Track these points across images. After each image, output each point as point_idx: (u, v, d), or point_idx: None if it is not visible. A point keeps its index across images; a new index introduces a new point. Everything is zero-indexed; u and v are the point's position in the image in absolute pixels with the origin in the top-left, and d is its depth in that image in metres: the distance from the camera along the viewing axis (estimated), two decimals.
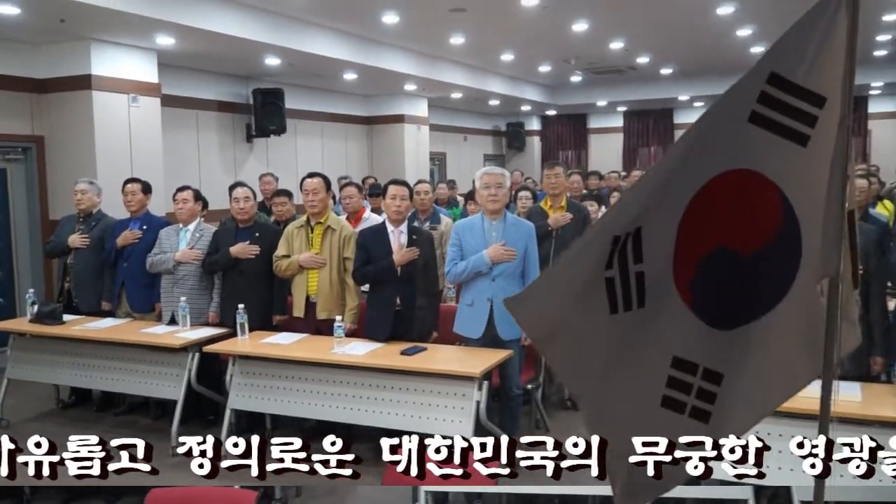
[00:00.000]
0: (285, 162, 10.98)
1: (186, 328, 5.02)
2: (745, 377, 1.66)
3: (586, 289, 1.62)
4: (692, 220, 1.60)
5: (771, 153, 1.55)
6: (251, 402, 4.64)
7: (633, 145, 17.87)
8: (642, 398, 1.71)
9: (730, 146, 1.56)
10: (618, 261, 1.60)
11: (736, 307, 1.64)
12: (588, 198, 6.87)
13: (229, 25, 7.56)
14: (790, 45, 1.51)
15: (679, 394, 1.70)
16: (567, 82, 15.06)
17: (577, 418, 5.44)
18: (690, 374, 1.69)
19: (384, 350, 4.44)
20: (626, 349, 1.67)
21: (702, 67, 13.51)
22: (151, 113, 7.92)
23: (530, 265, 4.45)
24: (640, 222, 1.59)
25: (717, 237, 1.62)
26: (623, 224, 1.60)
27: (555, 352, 1.75)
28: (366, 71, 10.41)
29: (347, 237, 4.92)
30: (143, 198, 5.67)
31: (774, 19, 9.64)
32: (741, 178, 1.57)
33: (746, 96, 1.53)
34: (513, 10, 8.42)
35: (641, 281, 1.63)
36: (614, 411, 1.73)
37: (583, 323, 1.65)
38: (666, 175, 1.60)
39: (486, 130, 18.04)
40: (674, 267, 1.63)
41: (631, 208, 1.61)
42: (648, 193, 1.61)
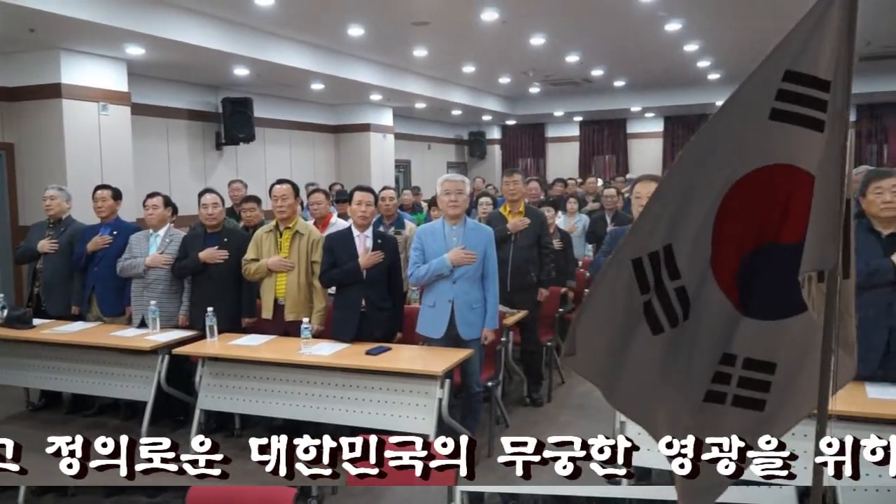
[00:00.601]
0: (254, 169, 11.09)
1: (156, 331, 5.10)
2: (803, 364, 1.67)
3: (625, 318, 1.63)
4: (726, 222, 1.60)
5: (798, 144, 1.55)
6: (220, 403, 4.71)
7: (589, 153, 18.42)
8: (688, 400, 1.71)
9: (753, 145, 1.56)
10: (654, 283, 1.60)
11: (785, 297, 1.62)
12: (545, 203, 7.13)
13: (198, 36, 7.68)
14: (797, 41, 1.54)
15: (720, 386, 1.70)
16: (526, 93, 15.40)
17: (536, 414, 5.71)
18: (729, 366, 1.69)
19: (350, 350, 4.54)
20: (675, 361, 1.67)
21: (652, 80, 13.98)
22: (121, 121, 8.00)
23: (489, 268, 4.63)
24: (668, 240, 1.59)
25: (756, 233, 1.62)
26: (641, 247, 1.60)
27: (619, 397, 1.74)
28: (332, 81, 10.59)
29: (315, 241, 5.06)
30: (113, 204, 5.74)
31: (718, 35, 10.08)
32: (771, 174, 1.58)
33: (762, 96, 1.54)
34: (473, 25, 8.66)
35: (684, 296, 1.62)
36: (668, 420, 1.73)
37: (631, 355, 1.65)
38: (684, 187, 1.59)
39: (449, 139, 18.31)
40: (714, 272, 1.63)
41: (650, 229, 1.60)
42: (669, 210, 1.60)
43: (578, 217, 8.09)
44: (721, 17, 8.98)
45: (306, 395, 4.48)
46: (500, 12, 8.21)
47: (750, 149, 1.56)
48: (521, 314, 5.50)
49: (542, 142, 19.06)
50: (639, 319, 1.62)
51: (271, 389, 4.57)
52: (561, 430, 5.08)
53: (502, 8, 8.08)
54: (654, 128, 17.84)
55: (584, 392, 6.08)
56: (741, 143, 1.56)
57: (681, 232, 1.59)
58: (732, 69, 13.05)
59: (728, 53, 11.52)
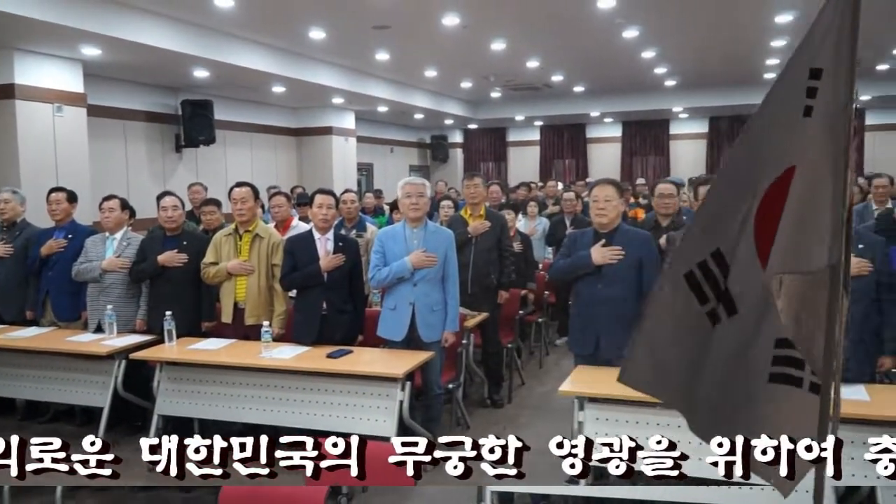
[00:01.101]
0: (215, 172, 11.00)
1: (113, 336, 5.03)
2: None
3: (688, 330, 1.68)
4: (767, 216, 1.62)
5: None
6: (178, 408, 4.66)
7: (549, 157, 18.66)
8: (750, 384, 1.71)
9: (790, 143, 1.60)
10: (711, 292, 1.64)
11: None
12: (506, 206, 7.20)
13: (156, 37, 7.60)
14: (817, 37, 1.58)
15: (790, 369, 1.70)
16: (487, 98, 15.53)
17: (496, 415, 5.76)
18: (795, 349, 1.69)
19: (311, 353, 4.53)
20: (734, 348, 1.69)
21: (610, 86, 14.22)
22: (77, 122, 7.88)
23: (450, 270, 4.66)
24: (717, 243, 1.65)
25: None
26: (690, 259, 1.66)
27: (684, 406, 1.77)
28: (293, 84, 10.55)
29: (275, 244, 5.04)
30: (67, 207, 5.66)
31: (675, 43, 10.29)
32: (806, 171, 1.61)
33: (795, 95, 1.59)
34: (435, 29, 8.71)
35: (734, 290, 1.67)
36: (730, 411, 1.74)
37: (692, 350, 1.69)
38: (728, 189, 1.65)
39: (411, 142, 18.35)
40: (760, 262, 1.65)
41: (698, 238, 1.66)
42: (714, 214, 1.66)
43: (539, 220, 8.18)
44: (677, 25, 9.17)
45: (267, 398, 4.46)
46: (462, 17, 8.28)
47: (788, 147, 1.60)
48: (482, 316, 5.54)
49: (504, 146, 19.23)
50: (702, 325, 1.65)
51: (231, 394, 4.54)
52: (521, 431, 5.16)
53: (463, 13, 8.14)
54: (612, 132, 18.10)
55: (544, 393, 6.15)
56: (778, 142, 1.60)
57: (726, 235, 1.64)
58: (688, 76, 13.31)
59: (684, 61, 11.75)
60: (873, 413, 3.23)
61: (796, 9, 8.38)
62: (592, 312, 4.13)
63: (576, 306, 4.31)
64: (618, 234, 4.15)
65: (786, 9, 8.41)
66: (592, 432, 3.66)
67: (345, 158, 13.73)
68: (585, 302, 4.18)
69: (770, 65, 12.05)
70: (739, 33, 9.64)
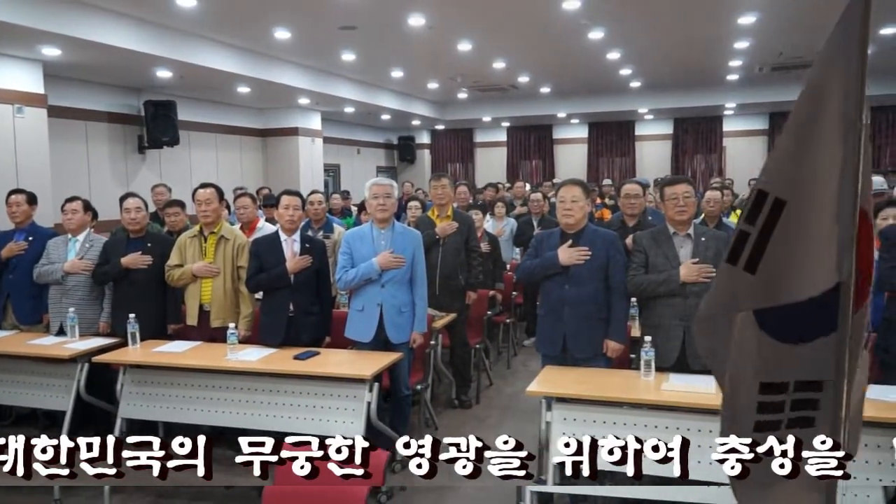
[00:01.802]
0: (179, 173, 10.89)
1: (75, 339, 4.97)
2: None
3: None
4: None
5: None
6: (143, 411, 4.60)
7: (516, 158, 18.77)
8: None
9: None
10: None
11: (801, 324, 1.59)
12: (473, 207, 7.22)
13: (117, 37, 7.50)
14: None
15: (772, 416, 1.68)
16: (454, 99, 15.57)
17: (465, 416, 5.79)
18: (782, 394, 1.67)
19: (277, 355, 4.51)
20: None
21: (576, 87, 14.36)
22: (37, 124, 7.75)
23: (418, 271, 4.67)
24: None
25: None
26: None
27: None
28: (259, 85, 10.48)
29: (241, 246, 5.01)
30: (28, 209, 5.57)
31: (639, 45, 10.41)
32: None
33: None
34: (401, 30, 8.71)
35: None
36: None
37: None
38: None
39: (378, 143, 18.33)
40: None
41: None
42: None
43: (506, 221, 8.22)
44: (641, 27, 9.27)
45: (233, 401, 4.42)
46: (427, 18, 8.28)
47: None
48: (450, 317, 5.56)
49: (471, 147, 19.29)
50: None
51: (196, 396, 4.50)
52: (489, 431, 5.18)
53: (429, 14, 8.15)
54: (579, 133, 18.25)
55: (512, 393, 6.19)
56: None
57: None
58: (652, 77, 13.48)
59: (648, 62, 11.89)
60: None
61: (758, 10, 8.52)
62: (560, 313, 4.16)
63: (543, 307, 4.34)
64: (585, 235, 4.20)
65: (748, 10, 8.55)
66: (560, 432, 3.69)
67: (311, 159, 13.67)
68: (552, 302, 4.21)
69: (733, 66, 12.26)
70: (702, 35, 9.79)
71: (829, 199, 1.50)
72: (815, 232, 1.51)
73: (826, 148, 1.49)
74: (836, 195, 1.50)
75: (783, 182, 1.53)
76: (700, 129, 17.27)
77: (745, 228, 1.55)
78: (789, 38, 10.08)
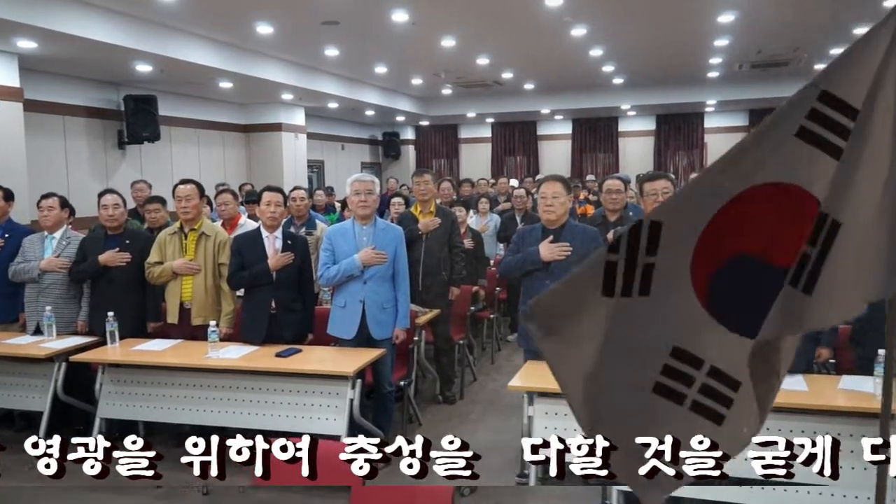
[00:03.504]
0: (160, 169, 10.78)
1: (52, 338, 4.90)
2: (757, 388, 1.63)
3: (585, 271, 1.63)
4: (723, 223, 1.58)
5: (815, 168, 1.53)
6: (122, 411, 4.57)
7: (501, 154, 18.77)
8: (634, 385, 1.68)
9: (773, 159, 1.54)
10: (626, 247, 1.58)
11: (760, 317, 1.55)
12: (457, 203, 7.21)
13: (95, 30, 7.41)
14: (842, 66, 1.50)
15: (676, 384, 1.67)
16: (439, 95, 15.53)
17: (448, 412, 5.77)
18: (693, 368, 1.66)
19: (259, 353, 4.49)
20: (619, 335, 1.63)
21: (560, 83, 14.37)
22: (13, 118, 7.65)
23: (400, 268, 4.65)
24: (660, 217, 1.59)
25: (744, 243, 1.61)
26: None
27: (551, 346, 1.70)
28: (241, 80, 10.40)
29: (222, 243, 4.97)
30: (3, 205, 5.49)
31: (621, 42, 10.45)
32: (784, 191, 1.56)
33: (797, 112, 1.51)
34: (384, 25, 8.68)
35: (649, 272, 1.60)
36: (610, 405, 1.71)
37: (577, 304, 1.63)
38: (700, 181, 1.61)
39: (363, 139, 18.26)
40: (692, 265, 1.61)
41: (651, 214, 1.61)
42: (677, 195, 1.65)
43: (490, 217, 8.21)
44: (623, 24, 9.30)
45: (214, 399, 4.41)
46: (410, 13, 8.25)
47: (769, 161, 1.55)
48: (433, 313, 5.55)
49: (456, 142, 19.28)
50: (596, 274, 1.60)
51: (177, 395, 4.47)
52: (473, 427, 5.18)
53: (412, 9, 8.11)
54: (563, 130, 18.28)
55: (496, 389, 6.18)
56: (765, 154, 1.55)
57: (676, 215, 1.59)
58: (635, 74, 13.53)
59: (630, 59, 11.93)
60: (811, 402, 3.36)
61: (737, 9, 8.57)
62: None
63: (525, 302, 4.34)
64: (566, 231, 4.21)
65: (727, 9, 8.59)
66: (542, 427, 3.69)
67: (295, 155, 13.59)
68: None
69: (713, 63, 12.32)
70: (683, 32, 9.83)
71: (875, 218, 1.48)
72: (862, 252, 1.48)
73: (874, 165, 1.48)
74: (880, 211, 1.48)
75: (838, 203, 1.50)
76: (682, 126, 17.37)
77: (806, 251, 1.52)
78: (767, 37, 10.16)
